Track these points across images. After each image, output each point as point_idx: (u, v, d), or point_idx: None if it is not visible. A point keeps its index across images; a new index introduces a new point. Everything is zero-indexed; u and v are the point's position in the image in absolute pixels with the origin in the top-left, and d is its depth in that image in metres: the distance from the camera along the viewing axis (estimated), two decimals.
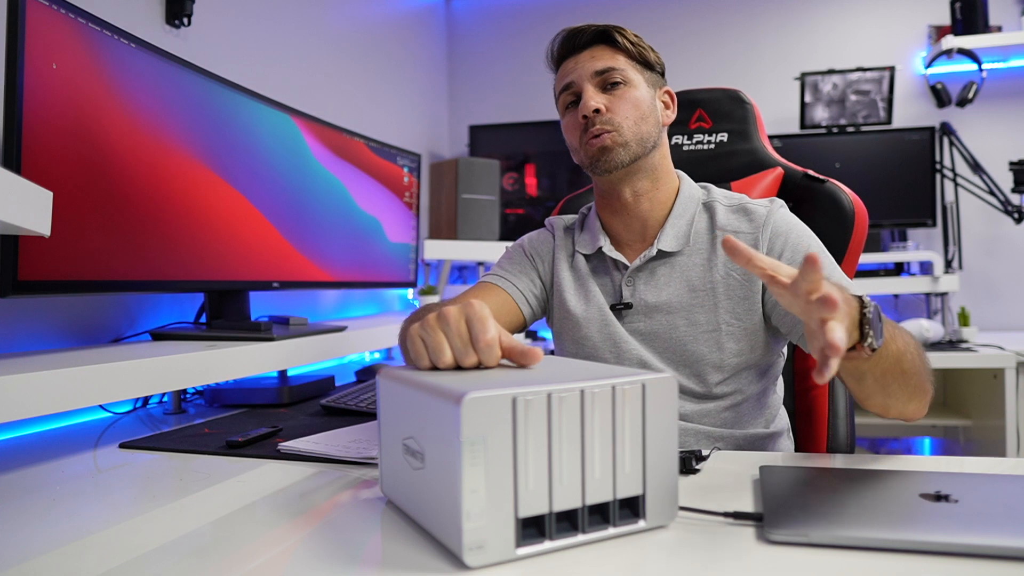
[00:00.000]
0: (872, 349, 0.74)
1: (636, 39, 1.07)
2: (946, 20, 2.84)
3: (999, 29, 2.73)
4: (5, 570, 0.60)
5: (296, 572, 0.59)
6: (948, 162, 2.82)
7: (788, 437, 1.13)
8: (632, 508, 0.63)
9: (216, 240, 1.41)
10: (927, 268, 2.68)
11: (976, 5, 2.68)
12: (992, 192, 2.66)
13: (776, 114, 2.98)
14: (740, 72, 3.07)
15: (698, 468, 0.82)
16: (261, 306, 1.73)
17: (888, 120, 2.82)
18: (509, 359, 0.70)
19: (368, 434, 1.02)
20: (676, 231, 1.07)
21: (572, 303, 1.11)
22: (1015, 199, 2.75)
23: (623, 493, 0.61)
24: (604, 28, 1.06)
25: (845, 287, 0.82)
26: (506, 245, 1.23)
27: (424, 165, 2.71)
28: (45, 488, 0.85)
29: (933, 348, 2.43)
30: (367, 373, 1.66)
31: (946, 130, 2.76)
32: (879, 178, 2.76)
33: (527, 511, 0.57)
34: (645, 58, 1.07)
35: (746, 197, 1.09)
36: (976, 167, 2.70)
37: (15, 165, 0.99)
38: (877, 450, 2.94)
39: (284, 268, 1.62)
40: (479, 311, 0.68)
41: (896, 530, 0.59)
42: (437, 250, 2.43)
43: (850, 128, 2.84)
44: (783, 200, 1.09)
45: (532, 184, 3.11)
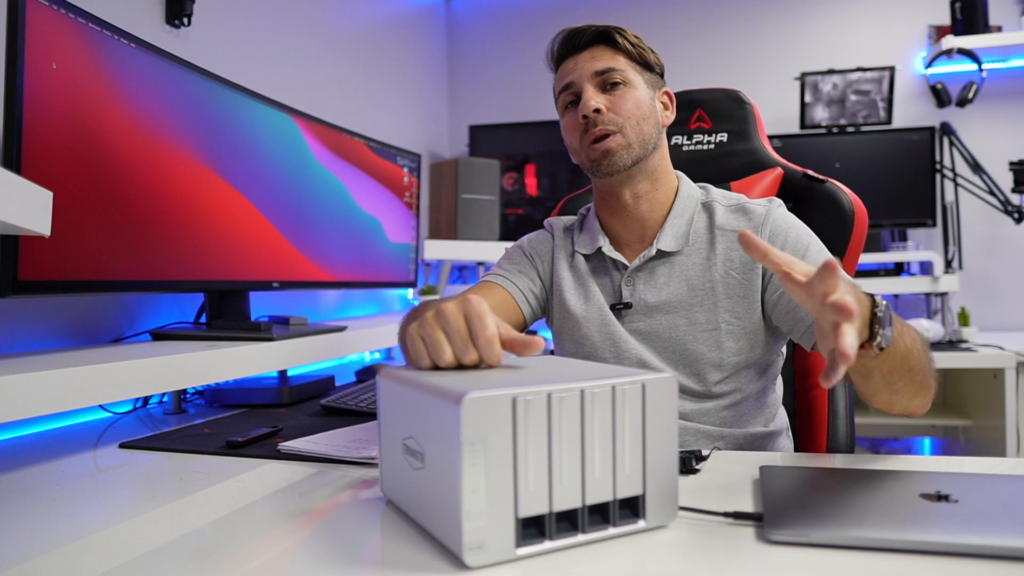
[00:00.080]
0: (880, 348, 0.74)
1: (636, 40, 1.07)
2: (946, 20, 2.84)
3: (999, 29, 2.73)
4: (5, 570, 0.60)
5: (296, 572, 0.59)
6: (948, 162, 2.82)
7: (787, 436, 1.13)
8: (632, 508, 0.63)
9: (216, 240, 1.41)
10: (927, 268, 2.68)
11: (976, 5, 2.68)
12: (992, 192, 2.66)
13: (776, 114, 2.98)
14: (740, 72, 3.07)
15: (698, 468, 0.82)
16: (261, 306, 1.73)
17: (888, 120, 2.82)
18: (511, 351, 0.69)
19: (368, 434, 1.03)
20: (675, 231, 1.07)
21: (572, 303, 1.11)
22: (1015, 199, 2.75)
23: (623, 493, 0.61)
24: (604, 29, 1.06)
25: (856, 284, 0.83)
26: (506, 245, 1.24)
27: (424, 165, 2.71)
28: (45, 488, 0.85)
29: (933, 348, 2.42)
30: (367, 373, 1.66)
31: (946, 130, 2.76)
32: (879, 178, 2.76)
33: (527, 511, 0.57)
34: (645, 59, 1.08)
35: (744, 197, 1.09)
36: (976, 167, 2.70)
37: (15, 165, 0.99)
38: (877, 450, 2.94)
39: (284, 268, 1.62)
40: (477, 307, 0.68)
41: (896, 530, 0.59)
42: (437, 250, 2.43)
43: (850, 128, 2.84)
44: (782, 200, 1.09)
45: (532, 184, 3.11)
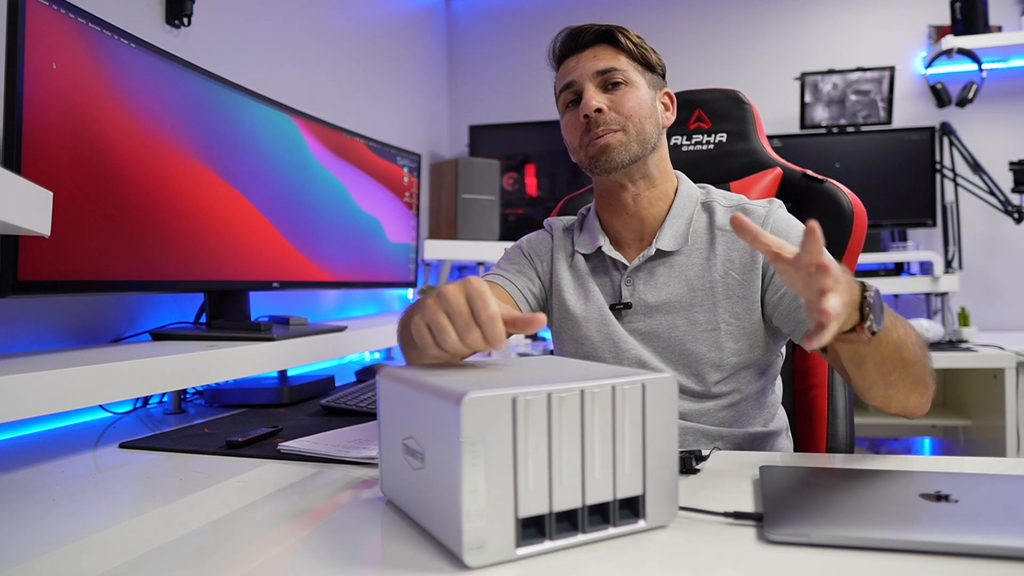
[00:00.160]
0: (872, 332, 0.74)
1: (638, 40, 1.07)
2: (946, 20, 2.84)
3: (999, 29, 2.73)
4: (5, 570, 0.60)
5: (296, 572, 0.59)
6: (948, 162, 2.82)
7: (787, 436, 1.13)
8: (632, 508, 0.63)
9: (216, 240, 1.41)
10: (927, 268, 2.68)
11: (976, 5, 2.68)
12: (992, 192, 2.66)
13: (776, 114, 2.98)
14: (740, 72, 3.07)
15: (698, 468, 0.82)
16: (261, 306, 1.73)
17: (888, 120, 2.82)
18: (513, 329, 0.70)
19: (368, 434, 1.03)
20: (675, 231, 1.07)
21: (571, 303, 1.11)
22: (1015, 199, 2.75)
23: (623, 493, 0.61)
24: (607, 28, 1.06)
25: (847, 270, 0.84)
26: (506, 245, 1.24)
27: (424, 165, 2.71)
28: (45, 488, 0.85)
29: (933, 348, 2.43)
30: (367, 373, 1.66)
31: (946, 130, 2.76)
32: (879, 178, 2.76)
33: (527, 511, 0.57)
34: (647, 59, 1.08)
35: (744, 198, 1.09)
36: (976, 167, 2.70)
37: (15, 165, 0.99)
38: (877, 450, 2.94)
39: (284, 268, 1.62)
40: (478, 287, 0.68)
41: (896, 530, 0.59)
42: (437, 250, 2.43)
43: (850, 128, 2.84)
44: (782, 200, 1.09)
45: (532, 184, 3.11)
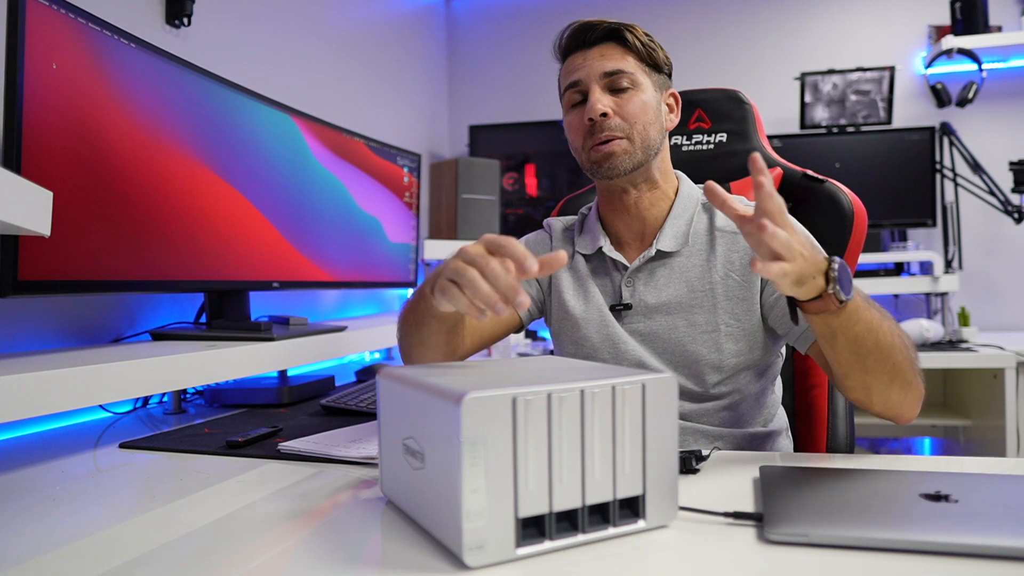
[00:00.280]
0: (839, 300, 0.77)
1: (647, 39, 1.06)
2: (946, 20, 2.84)
3: (999, 29, 2.73)
4: (5, 570, 0.60)
5: (296, 572, 0.59)
6: (948, 162, 2.81)
7: (787, 436, 1.13)
8: (632, 508, 0.63)
9: (216, 240, 1.41)
10: (927, 268, 2.68)
11: (976, 5, 2.68)
12: (992, 192, 2.66)
13: (776, 114, 2.98)
14: (740, 72, 3.07)
15: (698, 468, 0.82)
16: (261, 306, 1.73)
17: (888, 120, 2.82)
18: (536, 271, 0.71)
19: (368, 434, 1.03)
20: (675, 231, 1.07)
21: (571, 304, 1.11)
22: (1015, 199, 2.75)
23: (623, 493, 0.62)
24: (616, 26, 1.05)
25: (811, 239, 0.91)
26: None
27: (424, 165, 2.71)
28: (45, 488, 0.85)
29: (933, 348, 2.43)
30: (367, 373, 1.66)
31: (946, 130, 2.76)
32: (879, 178, 2.76)
33: (527, 511, 0.57)
34: (655, 60, 1.07)
35: (744, 199, 1.09)
36: (976, 167, 2.70)
37: (15, 165, 0.99)
38: (877, 450, 2.94)
39: (284, 268, 1.62)
40: (490, 235, 0.73)
41: (896, 530, 0.59)
42: (437, 250, 2.43)
43: (850, 128, 2.84)
44: (784, 202, 1.08)
45: (532, 184, 3.11)
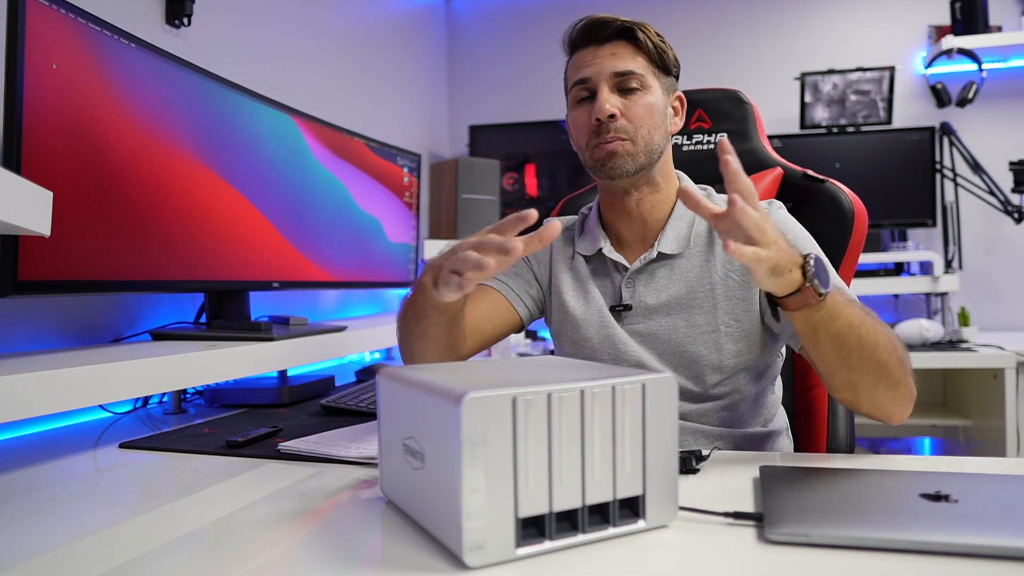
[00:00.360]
0: (818, 293, 0.78)
1: (659, 39, 1.06)
2: (946, 20, 2.84)
3: (999, 29, 2.73)
4: (5, 570, 0.60)
5: (296, 572, 0.59)
6: (948, 162, 2.81)
7: (787, 436, 1.13)
8: (632, 508, 0.63)
9: (216, 240, 1.41)
10: (927, 268, 2.68)
11: (976, 5, 2.68)
12: (992, 192, 2.66)
13: (776, 114, 2.98)
14: (740, 72, 3.07)
15: (698, 468, 0.82)
16: (261, 306, 1.73)
17: (888, 120, 2.82)
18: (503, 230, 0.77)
19: (368, 434, 1.03)
20: (676, 233, 1.07)
21: (571, 304, 1.11)
22: (1015, 199, 2.75)
23: (623, 493, 0.62)
24: (630, 25, 1.04)
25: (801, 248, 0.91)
26: None
27: (424, 165, 2.71)
28: (45, 488, 0.85)
29: (933, 348, 2.43)
30: (367, 373, 1.66)
31: (946, 130, 2.76)
32: (879, 178, 2.76)
33: (527, 511, 0.57)
34: (665, 62, 1.06)
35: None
36: (976, 167, 2.70)
37: (15, 165, 0.99)
38: (877, 450, 2.94)
39: (284, 268, 1.62)
40: (486, 231, 0.78)
41: (896, 530, 0.59)
42: (437, 250, 2.41)
43: (850, 128, 2.84)
44: (782, 201, 1.09)
45: (532, 184, 3.11)
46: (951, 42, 2.67)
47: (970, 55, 2.67)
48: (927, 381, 2.80)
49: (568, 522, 0.60)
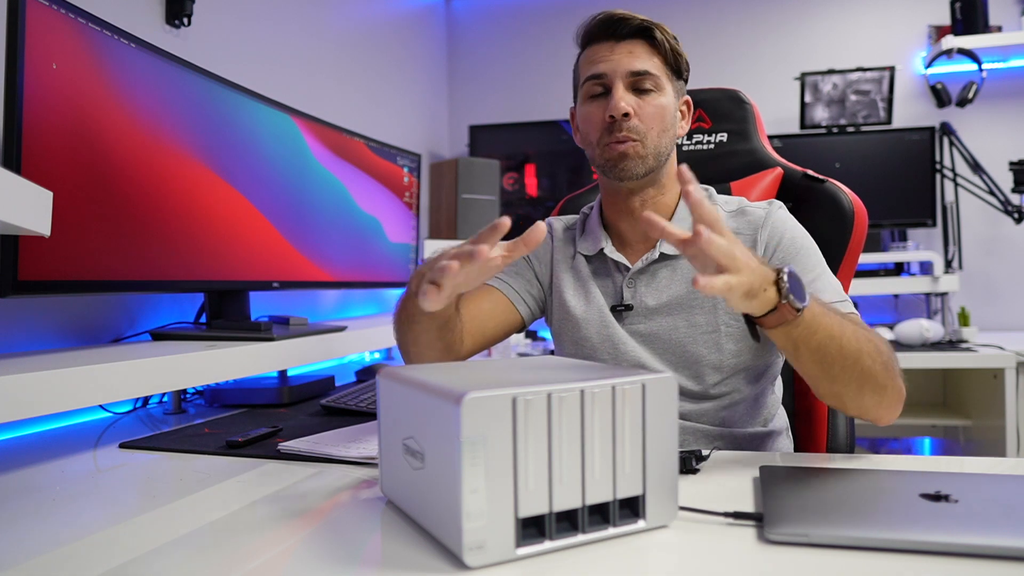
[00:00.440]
0: (796, 309, 0.76)
1: (674, 43, 1.06)
2: (946, 20, 2.84)
3: (999, 29, 2.73)
4: (5, 570, 0.60)
5: (296, 572, 0.59)
6: (948, 162, 2.82)
7: (787, 436, 1.13)
8: (632, 508, 0.63)
9: (216, 240, 1.41)
10: (927, 268, 2.68)
11: (976, 5, 2.68)
12: (992, 192, 2.66)
13: (776, 114, 2.98)
14: (740, 72, 3.07)
15: (698, 468, 0.82)
16: (261, 306, 1.73)
17: (888, 120, 2.82)
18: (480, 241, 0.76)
19: (368, 434, 1.03)
20: None
21: (572, 304, 1.11)
22: (1015, 199, 2.75)
23: (623, 493, 0.62)
24: (648, 25, 1.04)
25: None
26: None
27: (424, 165, 2.71)
28: (45, 488, 0.85)
29: (933, 348, 2.43)
30: (367, 373, 1.66)
31: (946, 130, 2.76)
32: (879, 178, 2.76)
33: (527, 511, 0.57)
34: (679, 64, 1.06)
35: (746, 200, 1.09)
36: (976, 167, 2.70)
37: (15, 165, 0.99)
38: (877, 450, 2.94)
39: (284, 268, 1.62)
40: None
41: (896, 530, 0.59)
42: (436, 251, 2.42)
43: (850, 128, 2.84)
44: (782, 201, 1.09)
45: (532, 184, 3.11)
46: (951, 42, 2.67)
47: (970, 55, 2.67)
48: (927, 381, 2.80)
49: (568, 522, 0.60)
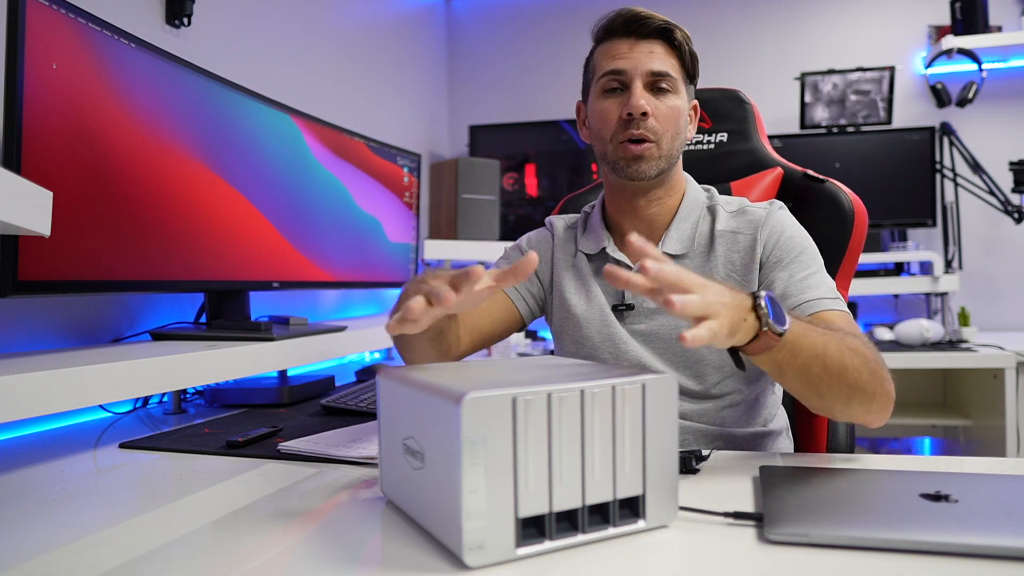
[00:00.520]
0: (777, 333, 0.75)
1: (691, 47, 1.06)
2: (946, 20, 2.84)
3: (999, 29, 2.73)
4: (5, 570, 0.60)
5: (296, 572, 0.59)
6: (948, 162, 2.81)
7: (787, 436, 1.13)
8: (632, 508, 0.63)
9: (216, 240, 1.41)
10: (927, 268, 2.68)
11: (976, 5, 2.68)
12: (992, 192, 2.66)
13: (776, 114, 2.98)
14: (740, 72, 3.06)
15: (698, 468, 0.82)
16: (261, 306, 1.73)
17: (888, 120, 2.82)
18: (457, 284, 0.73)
19: (368, 434, 1.03)
20: (680, 234, 1.07)
21: (573, 303, 1.11)
22: (1015, 199, 2.75)
23: (623, 493, 0.62)
24: (670, 26, 1.04)
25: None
26: (506, 245, 1.23)
27: (424, 165, 2.71)
28: (45, 488, 0.85)
29: (933, 348, 2.43)
30: (367, 373, 1.66)
31: (946, 130, 2.76)
32: (879, 178, 2.76)
33: (527, 511, 0.57)
34: (694, 68, 1.07)
35: (747, 201, 1.09)
36: (976, 167, 2.70)
37: (15, 165, 0.99)
38: (877, 450, 2.94)
39: (284, 268, 1.62)
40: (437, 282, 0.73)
41: (896, 530, 0.59)
42: (437, 250, 2.43)
43: (850, 128, 2.84)
44: (782, 201, 1.09)
45: (532, 184, 3.11)
46: (951, 42, 2.67)
47: (970, 55, 2.67)
48: (927, 381, 2.80)
49: (568, 522, 0.60)
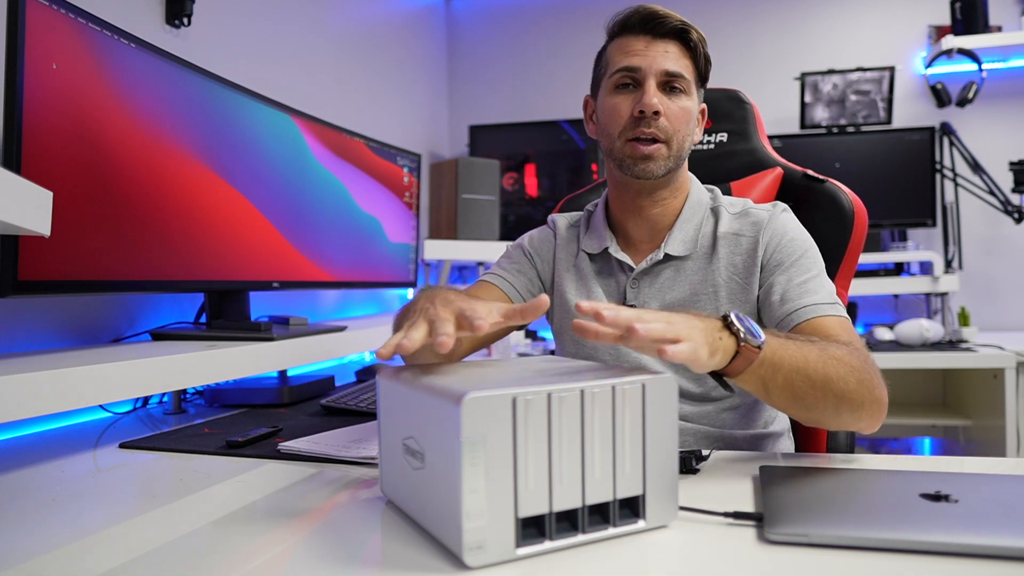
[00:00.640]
0: (756, 347, 0.74)
1: (705, 50, 1.06)
2: (946, 20, 2.84)
3: (999, 29, 2.73)
4: (5, 570, 0.60)
5: (296, 572, 0.59)
6: (948, 162, 2.82)
7: (788, 437, 1.13)
8: (632, 508, 0.63)
9: (216, 240, 1.41)
10: (927, 268, 2.68)
11: (976, 5, 2.68)
12: (992, 192, 2.66)
13: (776, 114, 2.98)
14: (740, 72, 3.06)
15: (698, 468, 0.82)
16: (261, 306, 1.73)
17: (888, 120, 2.82)
18: (512, 320, 0.72)
19: (368, 434, 1.03)
20: (683, 235, 1.07)
21: (574, 302, 1.11)
22: (1015, 199, 2.75)
23: (623, 493, 0.62)
24: (687, 27, 1.04)
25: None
26: (506, 245, 1.23)
27: (424, 165, 2.71)
28: (45, 488, 0.85)
29: (933, 348, 2.43)
30: (367, 373, 1.66)
31: (946, 130, 2.76)
32: (879, 178, 2.76)
33: (527, 511, 0.57)
34: (706, 72, 1.07)
35: (750, 202, 1.09)
36: (976, 167, 2.70)
37: (15, 165, 0.99)
38: (877, 450, 2.94)
39: (284, 268, 1.62)
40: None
41: (896, 530, 0.59)
42: (437, 250, 2.43)
43: (850, 128, 2.84)
44: (784, 202, 1.09)
45: (532, 184, 3.10)
46: (951, 42, 2.67)
47: (970, 55, 2.67)
48: (927, 381, 2.80)
49: (568, 522, 0.60)
